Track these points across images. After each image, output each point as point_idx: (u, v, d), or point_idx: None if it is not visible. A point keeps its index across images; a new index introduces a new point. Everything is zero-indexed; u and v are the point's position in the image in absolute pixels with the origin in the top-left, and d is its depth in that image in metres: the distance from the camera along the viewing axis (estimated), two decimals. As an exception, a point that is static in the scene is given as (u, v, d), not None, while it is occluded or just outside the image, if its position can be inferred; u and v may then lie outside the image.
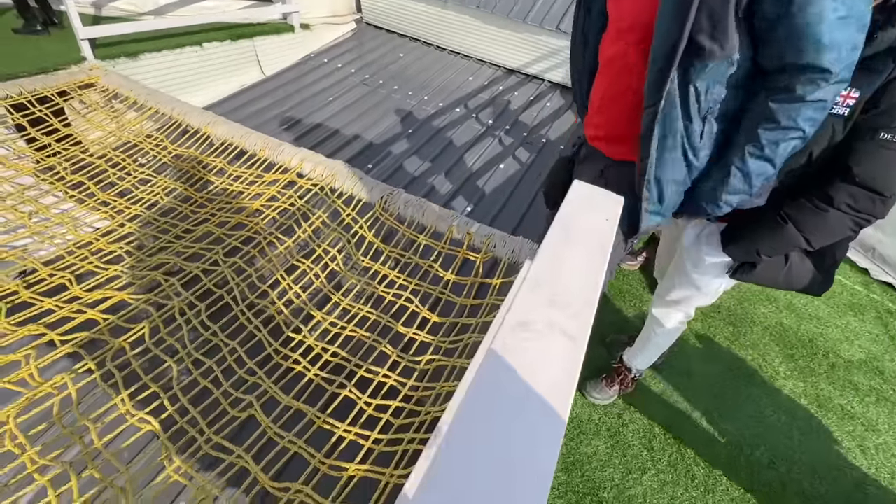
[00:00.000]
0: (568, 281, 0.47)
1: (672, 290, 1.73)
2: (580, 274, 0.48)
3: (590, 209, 0.61)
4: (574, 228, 0.57)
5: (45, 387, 1.39)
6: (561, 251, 0.52)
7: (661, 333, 1.87)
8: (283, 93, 3.97)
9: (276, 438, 1.41)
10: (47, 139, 2.47)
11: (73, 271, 1.82)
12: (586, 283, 0.47)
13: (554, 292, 0.45)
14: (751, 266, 1.44)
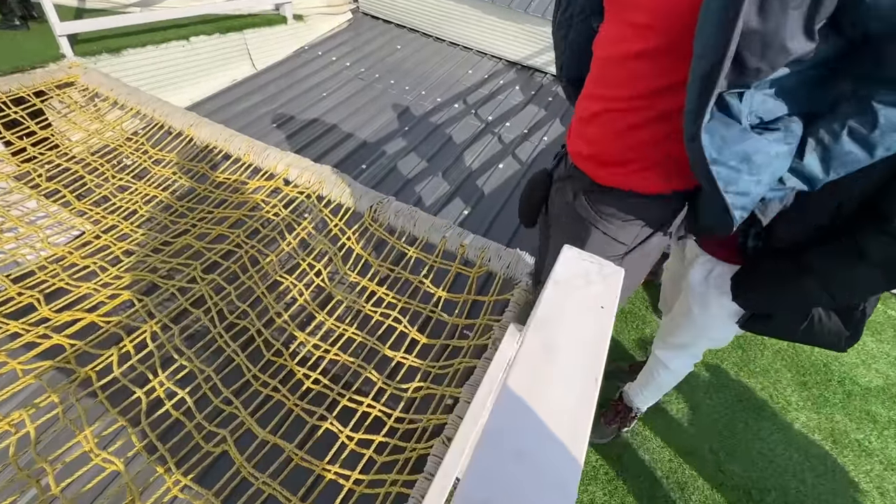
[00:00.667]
0: (549, 411, 0.35)
1: (676, 333, 1.54)
2: (565, 398, 0.37)
3: (581, 292, 0.48)
4: (559, 327, 0.45)
5: (2, 424, 1.30)
6: (540, 367, 0.40)
7: (665, 375, 1.64)
8: (275, 88, 3.83)
9: (250, 479, 1.32)
10: (23, 143, 2.36)
11: (43, 290, 1.72)
12: (573, 416, 0.35)
13: (528, 448, 0.33)
14: (765, 318, 1.24)
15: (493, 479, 0.32)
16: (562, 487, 0.32)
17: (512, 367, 0.40)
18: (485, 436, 0.34)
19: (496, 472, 0.32)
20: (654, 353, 1.64)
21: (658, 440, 1.80)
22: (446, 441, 1.33)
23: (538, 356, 0.42)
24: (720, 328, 1.39)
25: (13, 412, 1.33)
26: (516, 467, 0.33)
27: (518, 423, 0.35)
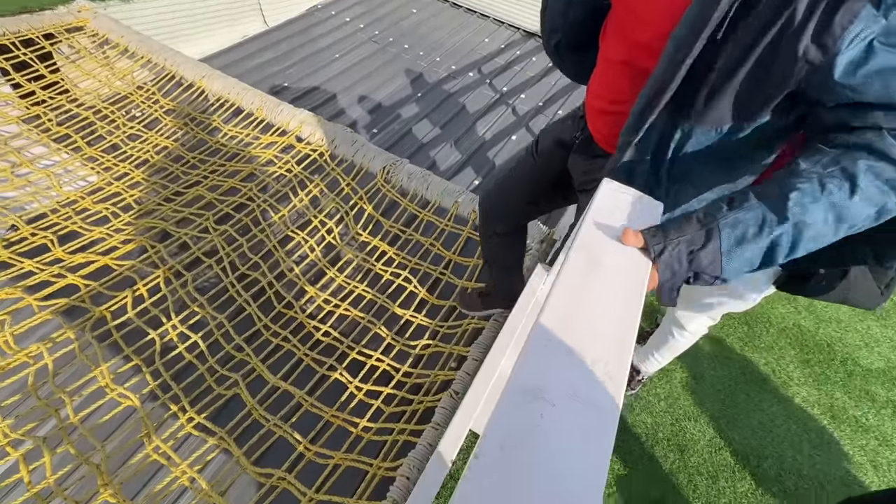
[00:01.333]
0: (594, 328, 0.36)
1: (702, 293, 1.60)
2: (610, 314, 0.38)
3: (622, 221, 0.48)
4: (601, 249, 0.45)
5: (20, 356, 1.33)
6: (585, 283, 0.41)
7: (680, 336, 1.65)
8: (286, 46, 3.74)
9: (262, 420, 1.35)
10: (33, 86, 2.32)
11: (56, 231, 1.72)
12: (619, 332, 0.36)
13: (577, 343, 0.34)
14: (802, 279, 1.23)
15: (545, 370, 0.33)
16: (611, 379, 0.33)
17: (559, 277, 0.40)
18: (535, 332, 0.34)
19: (548, 365, 0.33)
20: (672, 314, 1.64)
21: (661, 405, 1.84)
22: (454, 395, 1.36)
23: (582, 273, 0.42)
24: (751, 290, 1.40)
25: (31, 345, 1.35)
26: (567, 362, 0.34)
27: (567, 324, 0.36)
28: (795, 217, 0.51)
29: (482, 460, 0.27)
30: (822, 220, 0.52)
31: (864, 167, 0.52)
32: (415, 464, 1.19)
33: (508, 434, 0.29)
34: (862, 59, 0.52)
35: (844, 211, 0.52)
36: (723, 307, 1.51)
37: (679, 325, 1.64)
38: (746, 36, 0.56)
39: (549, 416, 0.30)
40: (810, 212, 0.51)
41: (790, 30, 0.53)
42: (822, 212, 0.52)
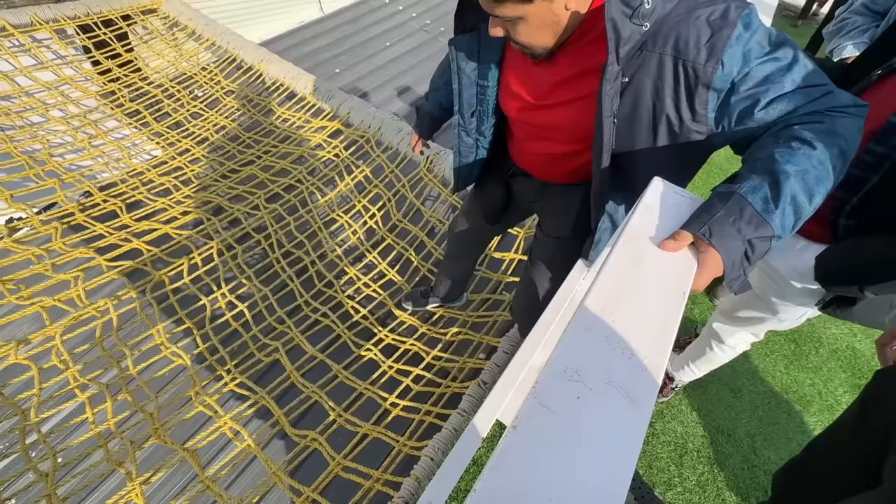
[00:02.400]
0: (635, 320, 0.37)
1: (742, 307, 1.44)
2: (653, 312, 0.38)
3: (671, 219, 0.48)
4: (647, 245, 0.46)
5: (90, 309, 1.46)
6: (628, 275, 0.41)
7: (718, 350, 1.59)
8: (340, 33, 3.82)
9: (299, 386, 1.43)
10: (110, 63, 2.50)
11: (125, 199, 1.87)
12: (659, 325, 0.37)
13: (617, 332, 0.35)
14: (849, 302, 1.14)
15: (585, 354, 0.34)
16: (648, 371, 0.34)
17: (604, 267, 0.42)
18: (578, 316, 0.36)
19: (588, 349, 0.35)
20: (711, 326, 1.58)
21: (694, 415, 1.77)
22: (482, 384, 1.39)
23: (627, 266, 0.43)
24: (795, 309, 1.32)
25: (99, 300, 1.49)
26: (607, 349, 0.35)
27: (609, 313, 0.37)
28: (790, 168, 0.57)
29: (519, 430, 0.29)
30: (809, 165, 0.58)
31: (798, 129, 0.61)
32: (439, 446, 1.22)
33: (546, 410, 0.30)
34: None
35: (821, 149, 0.59)
36: (764, 324, 1.44)
37: (718, 338, 1.58)
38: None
39: (585, 399, 0.32)
40: (797, 161, 0.58)
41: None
42: (805, 159, 0.58)
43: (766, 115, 0.64)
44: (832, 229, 1.13)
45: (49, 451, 1.19)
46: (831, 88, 0.65)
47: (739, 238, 0.54)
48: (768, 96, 0.63)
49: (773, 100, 0.63)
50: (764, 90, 0.63)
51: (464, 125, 1.02)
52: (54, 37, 2.44)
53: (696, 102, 0.66)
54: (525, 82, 0.86)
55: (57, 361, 1.33)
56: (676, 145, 0.70)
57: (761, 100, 0.63)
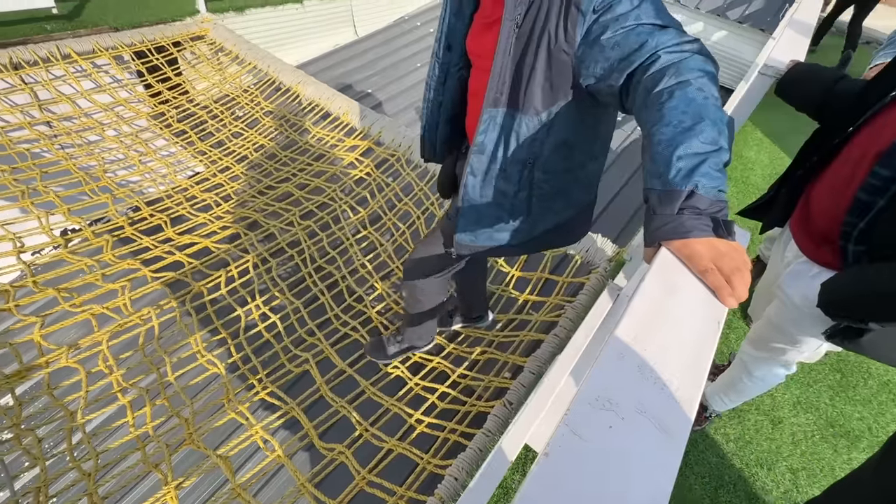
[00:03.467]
0: (668, 349, 0.37)
1: (766, 339, 1.40)
2: (686, 341, 0.38)
3: None
4: (680, 274, 0.46)
5: (134, 317, 1.55)
6: (661, 304, 0.42)
7: (748, 382, 1.53)
8: (373, 55, 3.97)
9: (328, 399, 1.46)
10: (161, 86, 2.68)
11: (169, 214, 1.97)
12: (693, 354, 0.37)
13: (649, 361, 0.36)
14: (857, 333, 1.06)
15: (616, 382, 0.35)
16: (682, 402, 0.34)
17: (636, 295, 0.42)
18: (610, 344, 0.36)
19: (620, 377, 0.35)
20: (739, 356, 1.52)
21: (730, 446, 1.68)
22: (508, 405, 1.38)
23: (659, 294, 0.43)
24: (809, 340, 1.26)
25: (143, 308, 1.57)
26: (639, 378, 0.35)
27: (640, 341, 0.38)
28: (660, 134, 0.63)
29: (551, 458, 0.30)
30: (675, 118, 0.63)
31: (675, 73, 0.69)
32: (464, 466, 1.22)
33: (577, 438, 0.31)
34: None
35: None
36: (787, 355, 1.37)
37: (746, 369, 1.51)
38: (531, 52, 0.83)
39: (617, 429, 0.32)
40: (665, 120, 0.64)
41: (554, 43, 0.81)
42: (671, 113, 0.64)
43: (613, 52, 0.76)
44: (842, 255, 1.08)
45: (92, 452, 1.25)
46: (668, 24, 0.75)
47: (670, 219, 0.56)
48: (616, 28, 0.75)
49: (620, 32, 0.75)
50: (614, 21, 0.75)
51: (435, 63, 1.09)
52: (112, 62, 2.64)
53: (569, 22, 0.78)
54: (481, 11, 0.98)
55: (103, 366, 1.41)
56: (551, 64, 0.83)
57: (610, 27, 0.75)
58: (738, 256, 0.51)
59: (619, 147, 3.24)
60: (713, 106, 0.65)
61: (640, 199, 2.87)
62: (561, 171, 0.97)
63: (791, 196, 1.31)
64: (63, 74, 2.42)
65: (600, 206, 2.78)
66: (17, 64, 2.29)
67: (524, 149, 0.93)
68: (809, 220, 1.21)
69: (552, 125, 0.90)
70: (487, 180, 0.98)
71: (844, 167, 1.11)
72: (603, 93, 0.81)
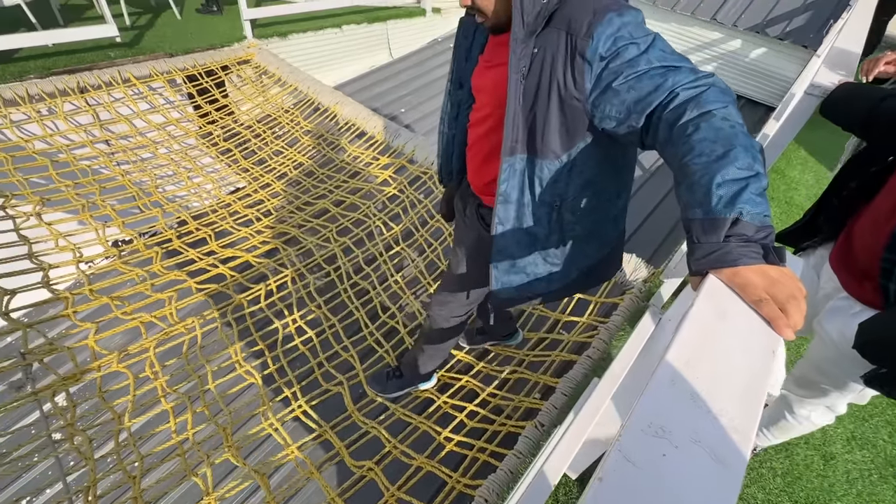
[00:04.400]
0: (721, 378, 0.36)
1: (806, 378, 1.33)
2: (739, 370, 0.37)
3: None
4: (730, 299, 0.45)
5: (179, 326, 1.62)
6: (712, 330, 0.41)
7: (794, 421, 1.44)
8: (407, 76, 4.09)
9: (359, 423, 1.47)
10: (209, 107, 2.84)
11: (214, 228, 2.07)
12: (746, 384, 0.36)
13: (702, 389, 0.35)
14: (893, 377, 0.98)
15: (669, 410, 0.35)
16: (737, 432, 0.34)
17: (685, 320, 0.42)
18: (660, 370, 0.36)
19: (672, 405, 0.35)
20: (782, 392, 1.43)
21: (777, 482, 1.57)
22: (539, 426, 1.36)
23: (710, 320, 0.43)
24: (852, 384, 1.18)
25: (188, 318, 1.64)
26: (692, 406, 0.35)
27: (692, 369, 0.37)
28: (697, 164, 0.64)
29: (605, 484, 0.30)
30: (706, 147, 0.64)
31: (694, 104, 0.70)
32: (494, 488, 1.20)
33: (631, 465, 0.31)
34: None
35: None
36: (830, 396, 1.28)
37: (790, 407, 1.42)
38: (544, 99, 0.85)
39: (671, 458, 0.32)
40: (697, 150, 0.65)
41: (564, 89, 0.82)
42: (702, 144, 0.65)
43: (629, 94, 0.76)
44: (883, 294, 1.01)
45: (137, 455, 1.31)
46: (680, 64, 0.76)
47: (717, 247, 0.55)
48: (628, 73, 0.76)
49: (633, 77, 0.76)
50: (626, 66, 0.76)
51: (448, 99, 1.14)
52: (166, 85, 2.83)
53: (576, 71, 0.80)
54: (484, 55, 1.03)
55: (149, 372, 1.48)
56: (564, 111, 0.84)
57: (622, 74, 0.76)
58: (791, 283, 0.50)
59: (652, 165, 3.19)
60: (741, 133, 0.65)
61: (674, 218, 2.81)
62: (589, 210, 0.97)
63: (830, 224, 1.25)
64: (122, 97, 2.61)
65: (634, 225, 2.73)
66: (84, 88, 2.48)
67: (548, 192, 0.93)
68: (851, 255, 1.15)
69: (573, 166, 0.91)
70: (516, 228, 0.98)
71: (886, 200, 1.05)
72: (621, 133, 0.81)
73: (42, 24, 2.86)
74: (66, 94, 2.42)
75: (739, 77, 3.70)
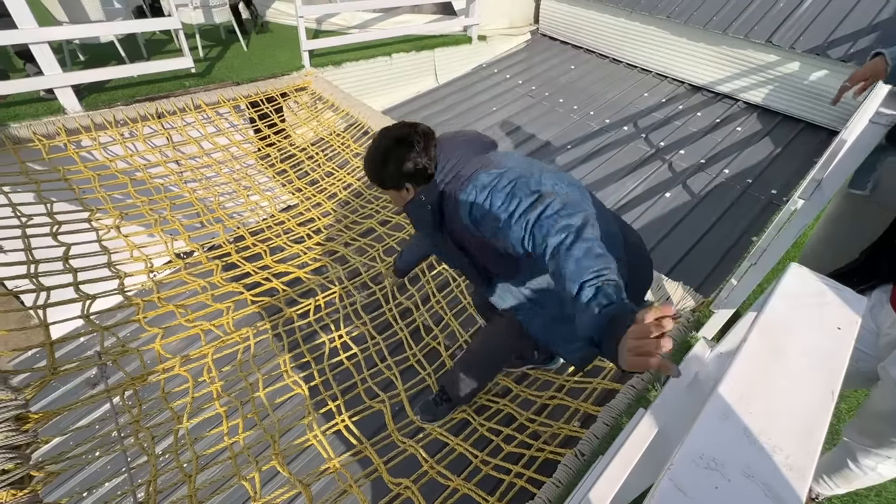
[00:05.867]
0: (777, 415, 0.36)
1: (871, 430, 1.25)
2: (796, 409, 0.37)
3: (814, 310, 0.46)
4: (787, 336, 0.45)
5: (234, 335, 1.72)
6: (767, 366, 0.41)
7: (858, 471, 1.33)
8: (451, 100, 4.22)
9: (398, 441, 1.50)
10: (268, 131, 3.05)
11: (268, 244, 2.21)
12: (804, 423, 0.36)
13: (756, 425, 0.35)
14: None
15: (721, 443, 0.35)
16: (793, 470, 0.34)
17: (739, 354, 0.42)
18: (712, 403, 0.37)
19: (724, 438, 0.35)
20: (844, 439, 1.31)
21: None
22: (580, 455, 1.33)
23: (764, 356, 0.43)
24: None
25: (242, 328, 1.74)
26: (745, 441, 0.35)
27: (745, 404, 0.38)
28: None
29: None
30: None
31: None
32: (532, 516, 1.19)
33: (682, 494, 0.32)
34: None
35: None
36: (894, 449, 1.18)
37: (853, 456, 1.31)
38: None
39: (723, 491, 0.32)
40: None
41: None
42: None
43: (506, 237, 0.99)
44: None
45: (192, 454, 1.39)
46: (535, 202, 0.97)
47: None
48: (498, 224, 1.00)
49: (504, 227, 0.99)
50: (494, 219, 1.00)
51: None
52: (231, 110, 3.07)
53: (468, 231, 1.08)
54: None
55: (206, 377, 1.58)
56: (486, 247, 1.10)
57: (494, 226, 1.01)
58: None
59: (702, 190, 3.10)
60: (594, 254, 0.83)
61: (726, 245, 2.70)
62: (557, 292, 1.13)
63: (893, 267, 1.17)
64: (193, 121, 2.86)
65: (681, 252, 2.65)
66: (161, 113, 2.75)
67: (524, 293, 1.25)
68: None
69: (522, 271, 1.21)
70: (533, 314, 1.27)
71: None
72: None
73: (129, 58, 3.20)
74: (146, 118, 2.69)
75: (797, 100, 3.55)
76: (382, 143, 1.14)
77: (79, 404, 1.33)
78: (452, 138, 1.21)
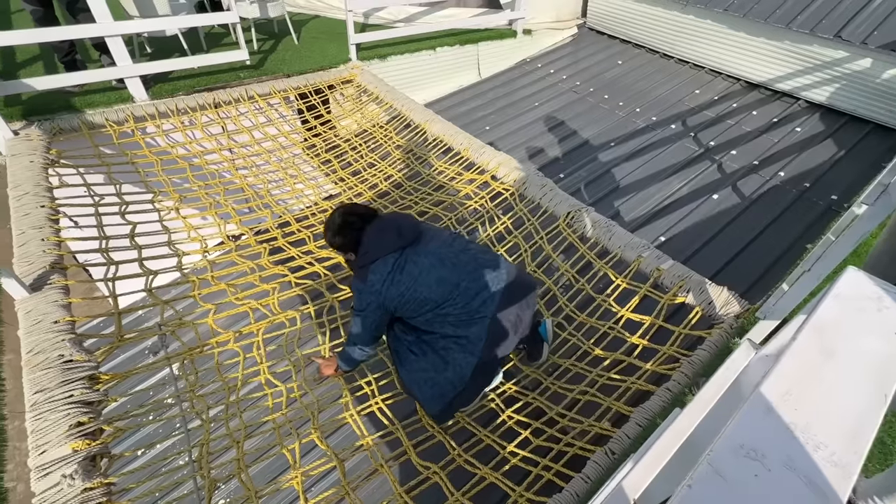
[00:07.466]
0: (824, 413, 0.36)
1: None
2: (845, 409, 0.37)
3: (871, 314, 0.45)
4: (839, 338, 0.44)
5: (281, 316, 1.82)
6: (816, 366, 0.41)
7: None
8: (493, 95, 4.21)
9: (427, 427, 1.54)
10: (315, 122, 3.16)
11: (312, 230, 2.30)
12: (853, 422, 0.36)
13: (801, 421, 0.36)
14: None
15: (762, 434, 0.36)
16: (837, 467, 0.34)
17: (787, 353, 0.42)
18: (755, 398, 0.37)
19: (766, 431, 0.36)
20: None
21: None
22: (610, 454, 1.33)
23: (813, 356, 0.42)
24: None
25: (289, 310, 1.84)
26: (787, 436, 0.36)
27: (789, 400, 0.38)
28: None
29: (695, 491, 0.32)
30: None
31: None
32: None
33: (721, 479, 0.33)
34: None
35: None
36: None
37: None
38: None
39: (763, 478, 0.33)
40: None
41: None
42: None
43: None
44: None
45: (241, 422, 1.49)
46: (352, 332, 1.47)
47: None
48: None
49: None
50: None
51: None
52: (281, 101, 3.20)
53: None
54: None
55: (255, 353, 1.68)
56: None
57: None
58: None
59: (754, 193, 2.96)
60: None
61: (777, 251, 2.57)
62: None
63: None
64: (246, 111, 3.01)
65: (727, 257, 2.55)
66: (218, 103, 2.90)
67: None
68: None
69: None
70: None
71: None
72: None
73: (191, 50, 3.39)
74: (205, 108, 2.85)
75: (866, 99, 3.31)
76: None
77: (142, 369, 1.45)
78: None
